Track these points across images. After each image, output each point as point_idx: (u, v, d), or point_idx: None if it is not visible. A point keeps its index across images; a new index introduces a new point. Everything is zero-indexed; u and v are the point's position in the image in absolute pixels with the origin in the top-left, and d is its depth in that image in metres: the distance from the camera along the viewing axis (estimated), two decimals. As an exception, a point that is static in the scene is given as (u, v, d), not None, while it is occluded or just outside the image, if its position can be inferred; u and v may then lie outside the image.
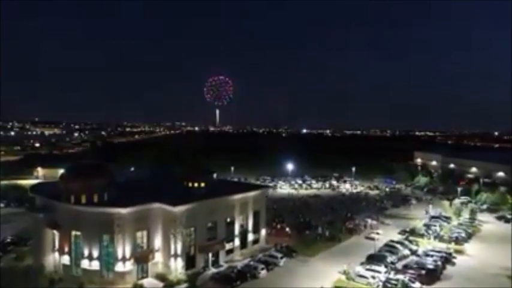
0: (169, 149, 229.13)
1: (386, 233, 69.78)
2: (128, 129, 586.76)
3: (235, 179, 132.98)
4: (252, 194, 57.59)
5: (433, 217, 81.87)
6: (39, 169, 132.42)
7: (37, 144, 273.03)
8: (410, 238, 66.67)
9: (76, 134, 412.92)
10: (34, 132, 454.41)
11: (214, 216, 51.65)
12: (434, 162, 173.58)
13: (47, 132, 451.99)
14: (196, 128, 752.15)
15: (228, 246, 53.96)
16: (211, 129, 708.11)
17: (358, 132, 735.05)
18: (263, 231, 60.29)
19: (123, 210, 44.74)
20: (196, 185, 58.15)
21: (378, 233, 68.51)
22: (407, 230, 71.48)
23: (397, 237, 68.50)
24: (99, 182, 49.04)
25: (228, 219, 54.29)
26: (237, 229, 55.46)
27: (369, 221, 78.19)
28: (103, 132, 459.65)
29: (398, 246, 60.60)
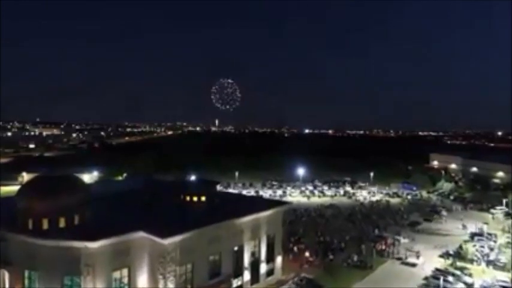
0: (169, 150, 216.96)
1: (425, 256, 57.58)
2: (128, 129, 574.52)
3: (240, 184, 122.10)
4: (265, 214, 45.28)
5: (474, 234, 69.49)
6: (24, 174, 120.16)
7: (32, 146, 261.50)
8: (458, 264, 54.47)
9: (74, 135, 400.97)
10: (32, 133, 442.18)
11: (218, 245, 39.41)
12: (453, 165, 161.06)
13: (45, 133, 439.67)
14: (198, 128, 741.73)
15: (235, 282, 41.76)
16: (213, 129, 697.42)
17: (361, 132, 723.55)
18: (279, 259, 48.03)
19: (93, 244, 32.57)
20: (195, 198, 46.55)
21: (418, 257, 56.70)
22: (451, 252, 59.10)
23: (438, 261, 56.35)
24: (68, 201, 37.13)
25: (236, 248, 42.05)
26: (246, 259, 43.24)
27: (401, 239, 66.05)
28: (102, 133, 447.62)
29: (448, 277, 48.28)
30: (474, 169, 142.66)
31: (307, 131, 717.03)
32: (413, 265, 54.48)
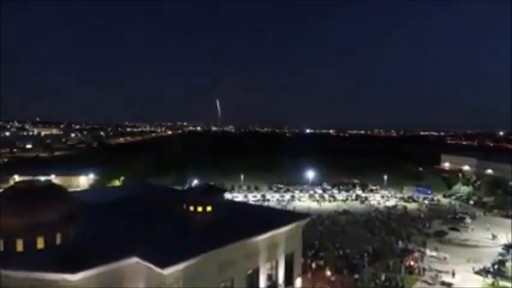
0: (169, 150, 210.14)
1: (460, 273, 50.77)
2: (128, 129, 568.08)
3: (244, 187, 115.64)
4: (284, 229, 38.41)
5: (509, 246, 62.64)
6: (16, 177, 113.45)
7: (29, 146, 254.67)
8: (500, 284, 47.72)
9: (73, 135, 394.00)
10: (31, 133, 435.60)
11: (230, 270, 32.56)
12: (467, 167, 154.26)
13: (43, 133, 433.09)
14: (198, 128, 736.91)
15: (249, 311, 34.93)
16: (214, 129, 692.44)
17: (362, 132, 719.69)
18: (298, 282, 41.14)
19: (74, 277, 25.68)
20: (200, 209, 39.67)
21: (453, 275, 49.87)
22: (489, 268, 52.31)
23: (476, 279, 49.59)
24: (48, 216, 30.41)
25: (250, 271, 35.22)
26: (262, 284, 36.39)
27: (428, 252, 59.28)
28: (102, 133, 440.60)
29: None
30: (489, 171, 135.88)
31: (308, 130, 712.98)
32: (449, 285, 47.67)
